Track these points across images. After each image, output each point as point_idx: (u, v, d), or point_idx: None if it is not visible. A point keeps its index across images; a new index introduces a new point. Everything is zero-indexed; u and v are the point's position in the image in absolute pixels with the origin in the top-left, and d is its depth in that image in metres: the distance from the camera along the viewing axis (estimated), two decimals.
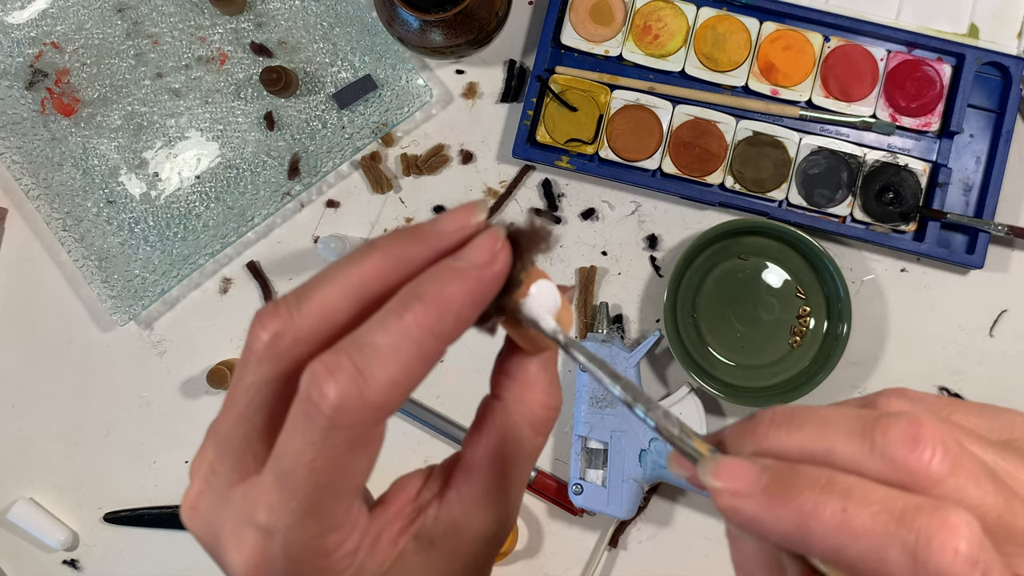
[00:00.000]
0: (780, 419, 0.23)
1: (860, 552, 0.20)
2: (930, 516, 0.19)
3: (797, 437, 0.22)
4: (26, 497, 0.71)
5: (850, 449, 0.22)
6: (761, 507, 0.21)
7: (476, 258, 0.22)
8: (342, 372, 0.21)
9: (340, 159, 0.70)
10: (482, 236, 0.23)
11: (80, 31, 0.71)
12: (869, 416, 0.22)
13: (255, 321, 0.23)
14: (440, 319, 0.21)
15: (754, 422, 0.24)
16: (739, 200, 0.67)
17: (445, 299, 0.22)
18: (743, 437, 0.23)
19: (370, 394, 0.21)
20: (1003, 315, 0.68)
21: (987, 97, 0.68)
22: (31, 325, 0.72)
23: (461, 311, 0.22)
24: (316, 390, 0.21)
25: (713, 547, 0.68)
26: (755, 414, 0.24)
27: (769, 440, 0.23)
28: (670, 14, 0.69)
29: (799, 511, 0.20)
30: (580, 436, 0.65)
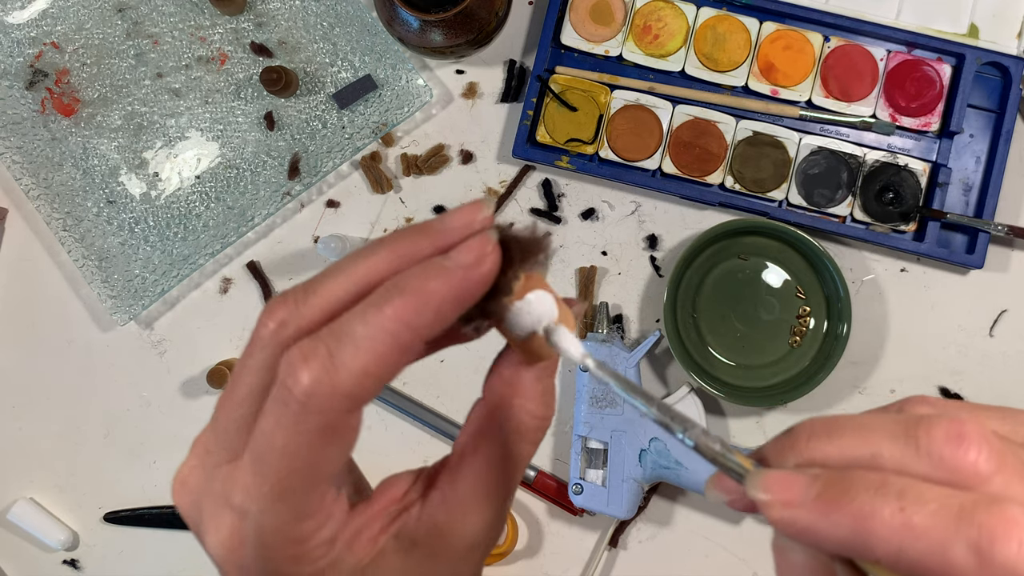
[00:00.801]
0: (819, 429, 0.23)
1: (922, 551, 0.20)
2: (988, 511, 0.19)
3: (839, 445, 0.22)
4: (26, 497, 0.71)
5: (895, 451, 0.22)
6: (816, 515, 0.21)
7: (464, 258, 0.22)
8: (316, 359, 0.21)
9: (340, 159, 0.70)
10: (474, 238, 0.23)
11: (80, 31, 0.71)
12: (909, 418, 0.22)
13: (264, 310, 0.23)
14: (418, 313, 0.22)
15: (793, 435, 0.23)
16: (739, 200, 0.67)
17: (425, 294, 0.22)
18: (783, 451, 0.23)
19: (341, 382, 0.21)
20: (1003, 315, 0.68)
21: (987, 97, 0.68)
22: (31, 325, 0.72)
23: (440, 308, 0.22)
24: (291, 376, 0.21)
25: (713, 547, 0.68)
26: (792, 428, 0.24)
27: (811, 451, 0.23)
28: (670, 14, 0.69)
29: (856, 515, 0.20)
30: (580, 436, 0.65)
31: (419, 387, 0.70)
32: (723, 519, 0.68)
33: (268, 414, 0.22)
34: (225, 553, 0.24)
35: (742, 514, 0.68)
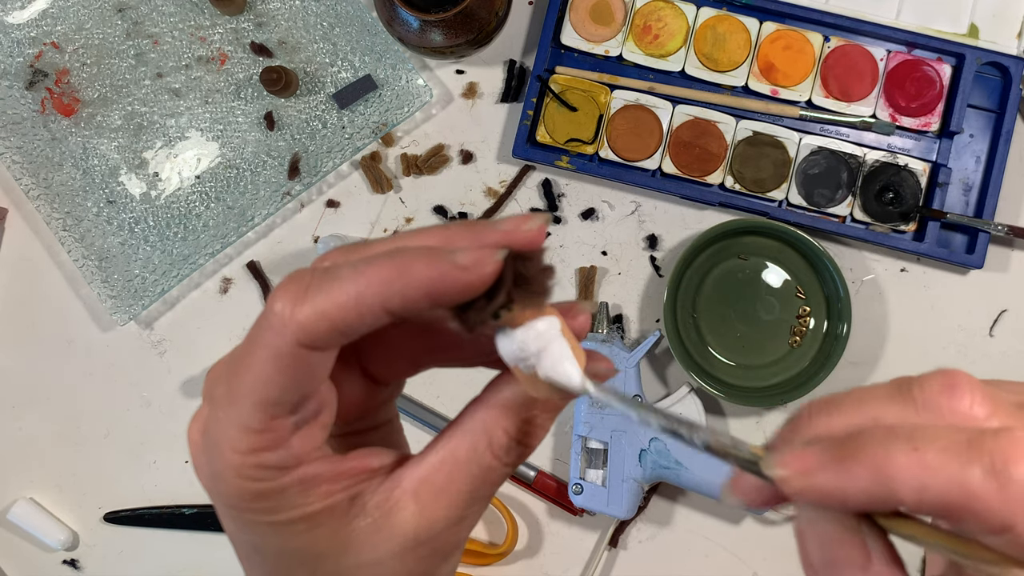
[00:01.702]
0: (818, 407, 0.24)
1: (942, 485, 0.20)
2: (996, 438, 0.20)
3: (840, 417, 0.23)
4: (26, 497, 0.71)
5: (894, 412, 0.22)
6: (835, 473, 0.21)
7: (460, 258, 0.22)
8: (288, 292, 0.22)
9: (340, 159, 0.70)
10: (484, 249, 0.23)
11: (80, 31, 0.71)
12: (902, 380, 0.23)
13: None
14: (388, 283, 0.22)
15: (795, 419, 0.24)
16: (739, 200, 0.67)
17: (406, 269, 0.22)
18: (789, 435, 0.24)
19: (299, 313, 0.22)
20: (1003, 315, 0.68)
21: (987, 97, 0.68)
22: (31, 325, 0.72)
23: (409, 289, 0.22)
24: (272, 295, 0.23)
25: (713, 547, 0.68)
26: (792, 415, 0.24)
27: (815, 428, 0.23)
28: (670, 14, 0.69)
29: (873, 464, 0.21)
30: (580, 436, 0.65)
31: (419, 387, 0.70)
32: (723, 519, 0.68)
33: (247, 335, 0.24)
34: (192, 440, 0.26)
35: (742, 514, 0.68)
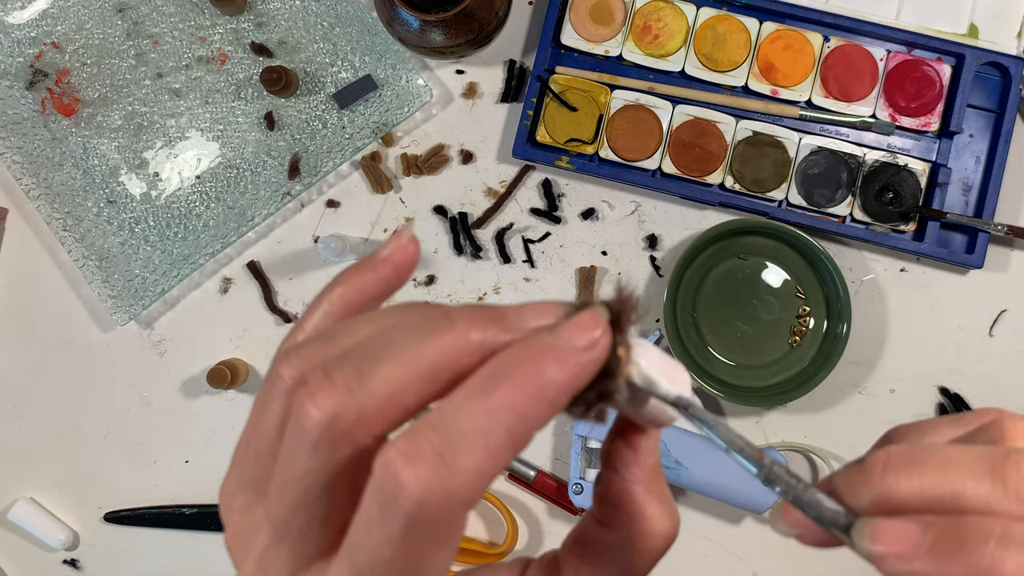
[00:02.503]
0: (896, 462, 0.22)
1: None
2: None
3: (918, 482, 0.21)
4: (26, 497, 0.71)
5: (981, 491, 0.21)
6: (932, 567, 0.20)
7: (576, 340, 0.20)
8: (423, 462, 0.18)
9: (340, 159, 0.70)
10: (584, 314, 0.20)
11: (80, 31, 0.71)
12: (995, 453, 0.21)
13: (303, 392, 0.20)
14: (533, 404, 0.19)
15: (867, 468, 0.22)
16: (739, 200, 0.67)
17: (539, 381, 0.19)
18: (857, 485, 0.22)
19: (455, 486, 0.18)
20: (1003, 315, 0.68)
21: (987, 97, 0.68)
22: (31, 325, 0.72)
23: (556, 396, 0.19)
24: (393, 481, 0.18)
25: (713, 547, 0.68)
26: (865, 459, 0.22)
27: (887, 486, 0.22)
28: (670, 14, 0.69)
29: (975, 568, 0.19)
30: (580, 436, 0.65)
31: None
32: (723, 519, 0.68)
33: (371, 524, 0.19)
34: None
35: (742, 513, 0.68)
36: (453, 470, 0.18)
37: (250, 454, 0.23)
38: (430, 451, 0.18)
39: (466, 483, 0.19)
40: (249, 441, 0.23)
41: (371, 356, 0.20)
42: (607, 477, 0.25)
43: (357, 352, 0.21)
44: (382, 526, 0.19)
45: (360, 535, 0.20)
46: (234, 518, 0.23)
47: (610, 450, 0.25)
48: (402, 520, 0.18)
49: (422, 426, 0.19)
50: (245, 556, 0.23)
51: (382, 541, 0.19)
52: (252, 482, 0.23)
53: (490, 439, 0.19)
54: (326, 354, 0.21)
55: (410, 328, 0.21)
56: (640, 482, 0.25)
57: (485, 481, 0.19)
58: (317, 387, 0.20)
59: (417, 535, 0.19)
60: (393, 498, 0.18)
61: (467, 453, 0.18)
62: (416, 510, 0.18)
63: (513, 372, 0.19)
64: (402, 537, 0.19)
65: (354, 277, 0.24)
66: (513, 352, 0.20)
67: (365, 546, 0.19)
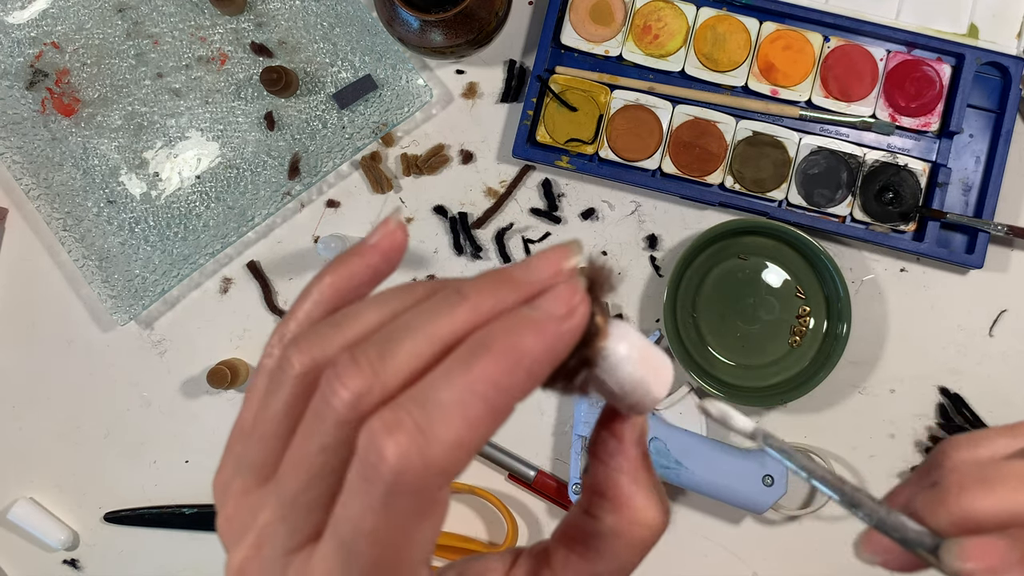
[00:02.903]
0: (970, 480, 0.22)
1: None
2: None
3: (995, 499, 0.22)
4: (26, 497, 0.71)
5: None
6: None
7: (554, 308, 0.20)
8: (402, 431, 0.19)
9: (340, 159, 0.70)
10: (561, 286, 0.21)
11: (80, 31, 0.71)
12: None
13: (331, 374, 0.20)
14: (510, 373, 0.19)
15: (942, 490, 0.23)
16: (739, 200, 0.67)
17: (517, 351, 0.20)
18: (935, 507, 0.23)
19: (433, 455, 0.19)
20: (1003, 315, 0.68)
21: (987, 97, 0.68)
22: (31, 325, 0.72)
23: (533, 366, 0.20)
24: (374, 451, 0.19)
25: (713, 547, 0.68)
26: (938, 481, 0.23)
27: (963, 507, 0.22)
28: (670, 14, 0.69)
29: None
30: (580, 436, 0.65)
31: None
32: (723, 519, 0.68)
33: (353, 495, 0.20)
34: None
35: (742, 513, 0.68)
36: (431, 440, 0.19)
37: (253, 438, 0.23)
38: (410, 422, 0.19)
39: (444, 453, 0.19)
40: (250, 426, 0.23)
41: (390, 336, 0.21)
42: (593, 467, 0.26)
43: (377, 335, 0.21)
44: (363, 496, 0.19)
45: (343, 506, 0.20)
46: (231, 501, 0.23)
47: (596, 440, 0.25)
48: (382, 489, 0.19)
49: (403, 400, 0.19)
50: (241, 536, 0.23)
51: (363, 511, 0.19)
52: (253, 466, 0.23)
53: (468, 410, 0.19)
54: (336, 339, 0.22)
55: (425, 306, 0.21)
56: (626, 472, 0.25)
57: (464, 452, 0.19)
58: (344, 368, 0.20)
59: (397, 506, 0.19)
60: (373, 468, 0.19)
61: (445, 424, 0.19)
62: (395, 479, 0.19)
63: (491, 344, 0.20)
64: (383, 507, 0.19)
65: (343, 265, 0.24)
66: (493, 326, 0.20)
67: (348, 517, 0.20)
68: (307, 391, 0.22)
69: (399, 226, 0.24)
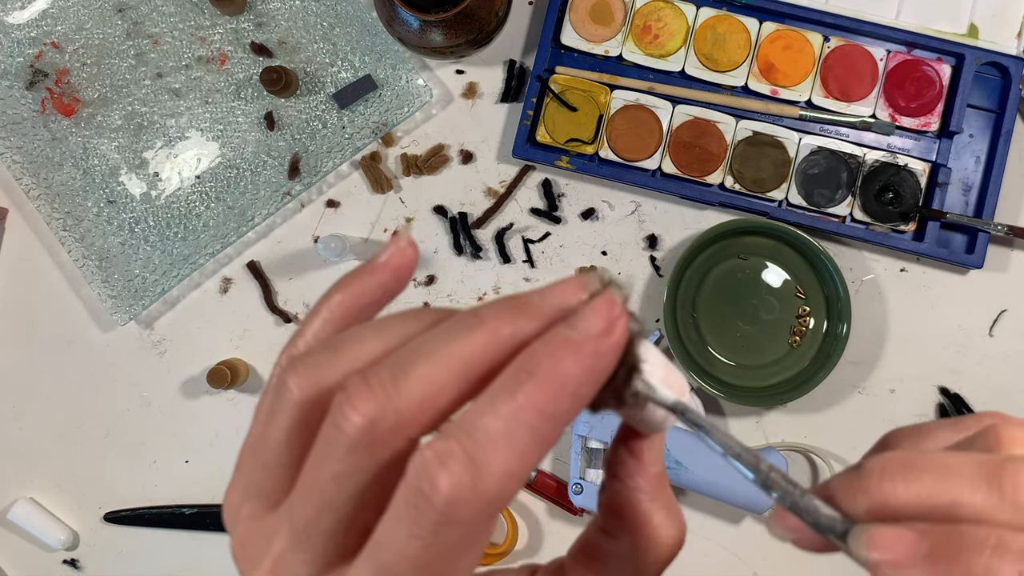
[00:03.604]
0: (893, 468, 0.22)
1: None
2: None
3: (915, 489, 0.21)
4: (26, 497, 0.71)
5: (976, 499, 0.21)
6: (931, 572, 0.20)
7: (592, 327, 0.20)
8: (454, 462, 0.18)
9: (340, 159, 0.70)
10: (597, 300, 0.20)
11: (80, 31, 0.71)
12: (992, 462, 0.21)
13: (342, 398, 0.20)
14: (556, 400, 0.19)
15: (864, 474, 0.22)
16: (739, 200, 0.67)
17: (560, 376, 0.19)
18: (854, 491, 0.22)
19: (484, 486, 0.19)
20: (1003, 315, 0.68)
21: (987, 97, 0.68)
22: (31, 325, 0.72)
23: (578, 390, 0.19)
24: (427, 481, 0.19)
25: (713, 547, 0.68)
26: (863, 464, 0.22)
27: (884, 493, 0.22)
28: (670, 14, 0.69)
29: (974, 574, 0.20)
30: (580, 436, 0.65)
31: None
32: (723, 519, 0.68)
33: (399, 522, 0.19)
34: None
35: (742, 513, 0.68)
36: (483, 472, 0.19)
37: (257, 464, 0.22)
38: (461, 453, 0.19)
39: (495, 485, 0.19)
40: (255, 450, 0.23)
41: (404, 360, 0.20)
42: (611, 487, 0.25)
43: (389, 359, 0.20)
44: (412, 525, 0.19)
45: (387, 532, 0.20)
46: (241, 526, 0.23)
47: (614, 459, 0.25)
48: (432, 518, 0.19)
49: (453, 429, 0.19)
50: (257, 563, 0.22)
51: (409, 538, 0.19)
52: (261, 492, 0.23)
53: (516, 440, 0.19)
54: (337, 364, 0.21)
55: (440, 330, 0.21)
56: (644, 491, 0.25)
57: (514, 482, 0.19)
58: (356, 392, 0.20)
59: (445, 536, 0.19)
60: (426, 498, 0.19)
61: (495, 455, 0.19)
62: (447, 510, 0.19)
63: (534, 371, 0.19)
64: (431, 535, 0.19)
65: (353, 283, 0.24)
66: (533, 349, 0.20)
67: (392, 544, 0.19)
68: (309, 416, 0.21)
69: (409, 243, 0.24)
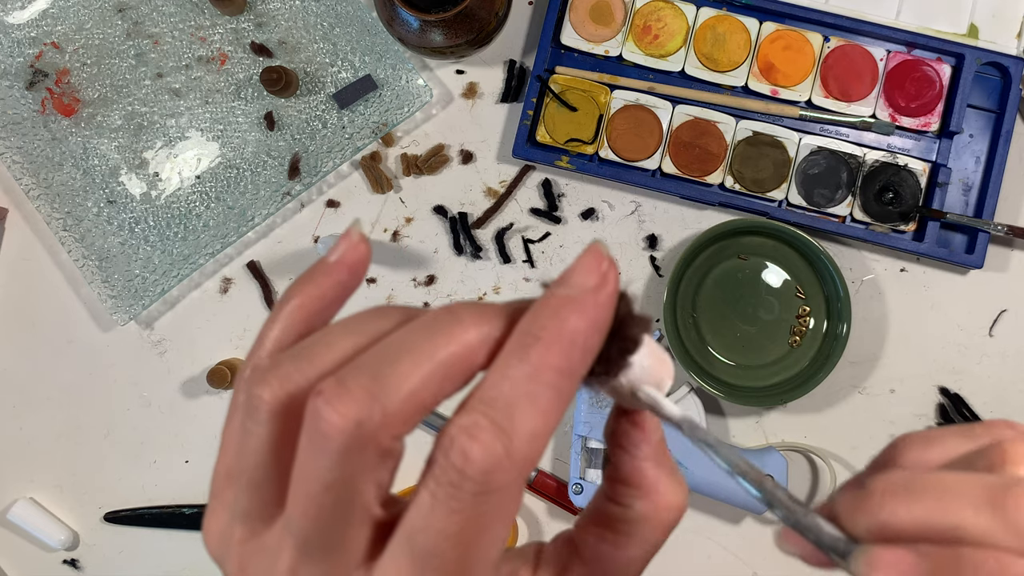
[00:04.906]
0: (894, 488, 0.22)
1: None
2: None
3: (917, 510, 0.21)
4: (26, 497, 0.71)
5: (979, 523, 0.21)
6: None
7: (586, 280, 0.20)
8: (483, 431, 0.19)
9: (340, 159, 0.70)
10: (585, 256, 0.21)
11: (80, 31, 0.71)
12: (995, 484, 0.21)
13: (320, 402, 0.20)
14: (567, 356, 0.20)
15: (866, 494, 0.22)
16: (739, 200, 0.67)
17: (568, 333, 0.20)
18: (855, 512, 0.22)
19: (515, 449, 0.19)
20: (1003, 315, 0.68)
21: (987, 97, 0.68)
22: (31, 325, 0.72)
23: (587, 343, 0.20)
24: (459, 456, 0.19)
25: (713, 547, 0.68)
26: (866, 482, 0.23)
27: (884, 514, 0.22)
28: (670, 14, 0.69)
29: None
30: (580, 436, 0.65)
31: None
32: (723, 519, 0.68)
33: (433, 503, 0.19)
34: None
35: (742, 513, 0.68)
36: (512, 436, 0.19)
37: (242, 482, 0.22)
38: (487, 423, 0.19)
39: (525, 446, 0.19)
40: (233, 471, 0.22)
41: (385, 359, 0.20)
42: (617, 457, 0.26)
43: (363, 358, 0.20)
44: (451, 500, 0.19)
45: (421, 517, 0.20)
46: (236, 551, 0.22)
47: (616, 431, 0.25)
48: (473, 490, 0.19)
49: (474, 402, 0.20)
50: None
51: (451, 515, 0.19)
52: (250, 512, 0.22)
53: (538, 400, 0.19)
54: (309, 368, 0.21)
55: (419, 327, 0.21)
56: (650, 458, 0.25)
57: (542, 442, 0.20)
58: (335, 395, 0.20)
59: (485, 505, 0.19)
60: (461, 472, 0.19)
61: (520, 419, 0.19)
62: (485, 478, 0.19)
63: (540, 334, 0.20)
64: (472, 508, 0.19)
65: (309, 285, 0.23)
66: (534, 313, 0.20)
67: (429, 526, 0.20)
68: (287, 426, 0.21)
69: (361, 238, 0.24)
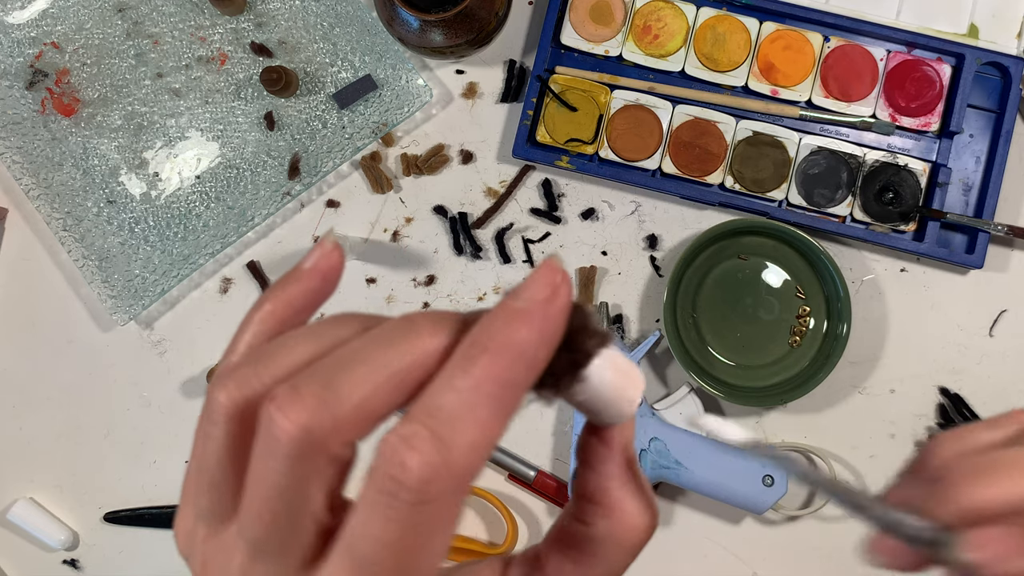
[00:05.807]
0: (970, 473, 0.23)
1: None
2: None
3: (995, 490, 0.22)
4: (26, 497, 0.71)
5: None
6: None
7: (536, 293, 0.20)
8: (421, 441, 0.19)
9: (340, 159, 0.70)
10: (539, 269, 0.21)
11: (80, 31, 0.71)
12: None
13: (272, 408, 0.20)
14: (511, 368, 0.20)
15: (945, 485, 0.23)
16: (739, 200, 0.67)
17: (513, 345, 0.20)
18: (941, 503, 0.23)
19: (454, 460, 0.19)
20: (1003, 315, 0.68)
21: (987, 97, 0.68)
22: (31, 325, 0.72)
23: (533, 357, 0.20)
24: (396, 464, 0.19)
25: (713, 547, 0.68)
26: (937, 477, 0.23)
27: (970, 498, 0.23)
28: (670, 14, 0.69)
29: None
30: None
31: None
32: (723, 519, 0.68)
33: (371, 511, 0.19)
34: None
35: (742, 513, 0.68)
36: (451, 447, 0.19)
37: (202, 486, 0.22)
38: (427, 433, 0.19)
39: (464, 458, 0.19)
40: (197, 473, 0.23)
41: (339, 366, 0.20)
42: (582, 474, 0.25)
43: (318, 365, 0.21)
44: (387, 509, 0.19)
45: (360, 523, 0.20)
46: (199, 548, 0.23)
47: (584, 447, 0.25)
48: (409, 499, 0.19)
49: (415, 412, 0.20)
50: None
51: (388, 523, 0.19)
52: (212, 513, 0.23)
53: (478, 412, 0.19)
54: (265, 374, 0.21)
55: (374, 336, 0.21)
56: (615, 477, 0.25)
57: (481, 453, 0.20)
58: (287, 401, 0.20)
59: (422, 515, 0.19)
60: (398, 481, 0.19)
61: (460, 430, 0.19)
62: (421, 487, 0.19)
63: (487, 344, 0.20)
64: (408, 517, 0.19)
65: (282, 292, 0.24)
66: (483, 324, 0.20)
67: (369, 533, 0.20)
68: (243, 428, 0.21)
69: (335, 246, 0.24)
